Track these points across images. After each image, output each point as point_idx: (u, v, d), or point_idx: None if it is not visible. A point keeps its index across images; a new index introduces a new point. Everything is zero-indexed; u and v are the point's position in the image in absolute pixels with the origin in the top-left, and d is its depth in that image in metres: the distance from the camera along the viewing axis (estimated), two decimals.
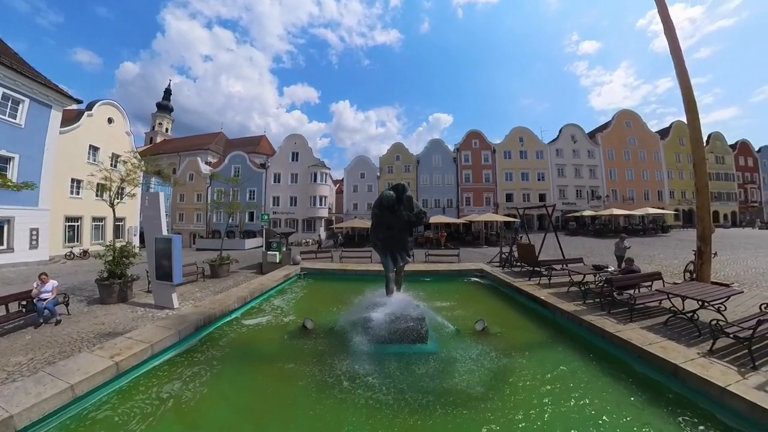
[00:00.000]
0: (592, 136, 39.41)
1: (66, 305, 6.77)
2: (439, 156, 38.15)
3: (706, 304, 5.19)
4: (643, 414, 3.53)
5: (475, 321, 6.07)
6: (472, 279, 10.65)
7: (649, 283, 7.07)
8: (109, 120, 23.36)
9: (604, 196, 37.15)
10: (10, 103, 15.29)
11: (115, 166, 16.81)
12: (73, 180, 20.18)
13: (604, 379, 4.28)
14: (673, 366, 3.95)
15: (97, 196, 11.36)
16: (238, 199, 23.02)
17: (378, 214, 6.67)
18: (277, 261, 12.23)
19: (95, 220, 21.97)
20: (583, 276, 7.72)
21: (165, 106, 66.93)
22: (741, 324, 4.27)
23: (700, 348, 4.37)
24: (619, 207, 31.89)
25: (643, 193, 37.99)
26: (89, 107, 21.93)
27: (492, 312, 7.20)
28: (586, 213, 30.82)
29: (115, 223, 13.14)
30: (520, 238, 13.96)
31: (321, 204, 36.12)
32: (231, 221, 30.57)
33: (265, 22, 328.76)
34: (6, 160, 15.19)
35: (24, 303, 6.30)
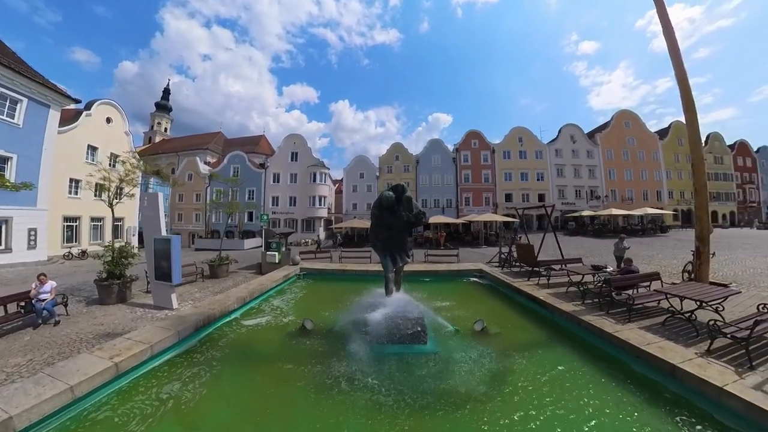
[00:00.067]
0: (591, 136, 39.50)
1: (65, 306, 6.76)
2: (438, 156, 38.18)
3: (704, 304, 5.21)
4: (641, 414, 3.54)
5: (474, 321, 6.07)
6: (471, 279, 10.67)
7: (647, 284, 7.10)
8: (108, 120, 23.30)
9: (603, 196, 37.24)
10: (8, 103, 15.24)
11: (113, 166, 16.79)
12: (71, 180, 20.11)
13: (603, 379, 4.30)
14: (671, 366, 3.96)
15: (95, 196, 11.36)
16: (237, 199, 23.02)
17: (377, 215, 6.69)
18: (277, 261, 12.22)
19: (94, 220, 21.92)
20: (581, 276, 7.73)
21: (164, 106, 66.79)
22: (738, 324, 4.29)
23: (698, 348, 4.39)
24: (618, 207, 31.98)
25: (642, 193, 38.10)
26: (88, 107, 21.86)
27: (491, 312, 7.21)
28: (585, 213, 30.91)
29: (114, 223, 13.13)
30: (519, 238, 13.99)
31: (320, 204, 36.11)
32: (230, 221, 30.53)
33: (264, 21, 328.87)
34: (4, 160, 15.15)
35: (23, 304, 6.29)
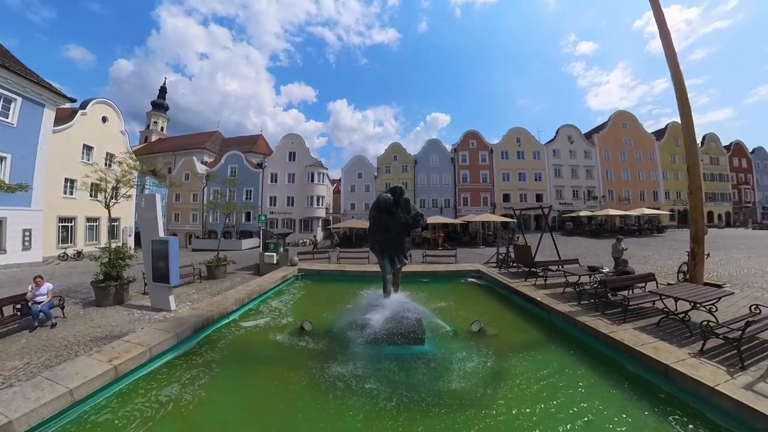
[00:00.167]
0: (589, 136, 39.75)
1: (61, 308, 6.73)
2: (436, 156, 38.24)
3: (698, 305, 5.30)
4: (636, 413, 3.61)
5: (472, 322, 6.12)
6: (469, 280, 10.73)
7: (642, 284, 7.19)
8: (104, 119, 23.11)
9: (600, 196, 37.50)
10: (2, 102, 15.10)
11: (109, 166, 16.66)
12: (66, 180, 19.94)
13: (598, 379, 4.37)
14: (665, 366, 4.03)
15: (91, 196, 11.28)
16: (235, 199, 22.94)
17: (375, 217, 6.72)
18: (275, 262, 12.22)
19: (89, 220, 21.75)
20: (578, 277, 7.81)
21: (160, 105, 66.34)
22: (731, 325, 4.36)
23: (691, 348, 4.46)
24: (616, 207, 32.24)
25: (639, 194, 38.40)
26: (83, 106, 21.65)
27: (488, 313, 7.27)
28: (583, 213, 31.12)
29: (110, 224, 13.04)
30: (517, 238, 14.07)
31: (318, 204, 36.06)
32: (227, 221, 30.39)
33: (261, 19, 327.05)
34: None
35: (19, 306, 6.25)
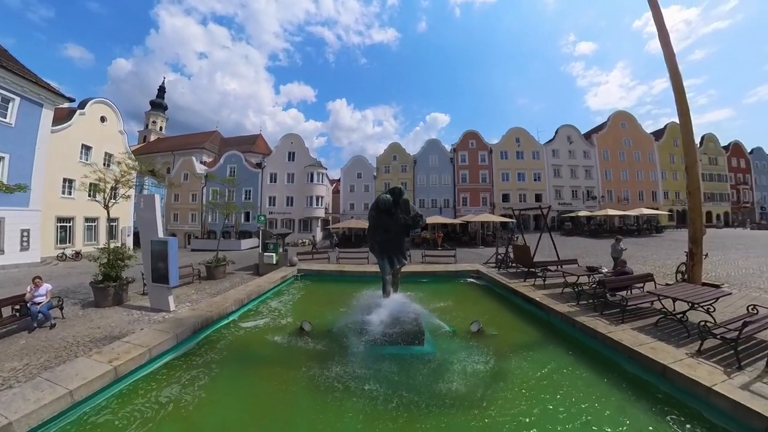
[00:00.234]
0: (588, 137, 39.84)
1: (60, 309, 6.71)
2: (436, 156, 38.27)
3: (696, 305, 5.33)
4: (633, 413, 3.63)
5: (471, 322, 6.14)
6: (468, 280, 10.75)
7: (641, 285, 7.21)
8: (102, 118, 23.07)
9: (599, 196, 37.60)
10: None
11: (108, 166, 16.63)
12: (65, 180, 19.92)
13: (596, 379, 4.39)
14: (662, 366, 4.06)
15: (89, 196, 11.24)
16: (234, 199, 22.91)
17: (375, 218, 6.74)
18: (274, 262, 12.21)
19: (88, 220, 21.72)
20: (577, 277, 7.84)
21: (159, 104, 66.17)
22: (728, 325, 4.39)
23: (689, 349, 4.49)
24: (614, 207, 32.33)
25: (638, 194, 38.52)
26: (81, 105, 21.62)
27: (488, 313, 7.29)
28: (582, 213, 31.19)
29: (109, 224, 13.03)
30: (516, 238, 14.09)
31: (318, 204, 36.05)
32: (227, 222, 30.37)
33: (261, 19, 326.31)
34: None
35: (17, 307, 6.23)
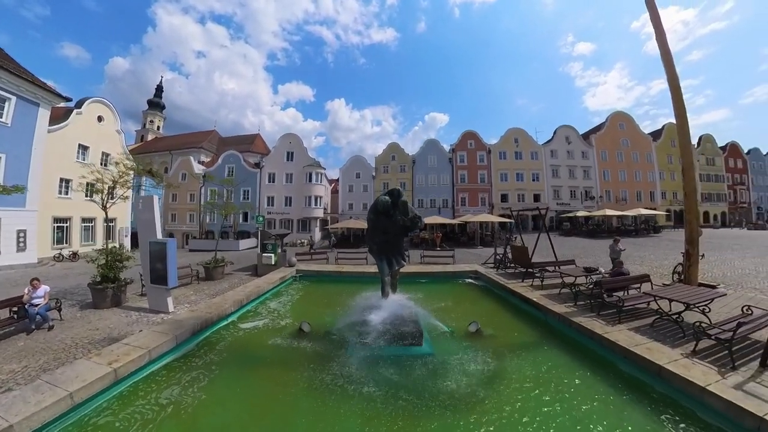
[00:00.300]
0: (586, 137, 40.00)
1: (58, 310, 6.70)
2: (434, 156, 38.30)
3: (692, 306, 5.39)
4: (629, 412, 3.68)
5: (469, 323, 6.18)
6: (466, 280, 10.80)
7: (638, 285, 7.28)
8: (99, 118, 22.93)
9: (597, 196, 37.77)
10: None
11: (105, 166, 16.55)
12: (61, 180, 19.79)
13: (593, 379, 4.44)
14: (658, 367, 4.11)
15: (86, 196, 11.21)
16: (232, 199, 22.84)
17: (373, 219, 6.76)
18: (273, 263, 12.22)
19: (85, 221, 21.59)
20: (574, 278, 7.90)
21: (156, 104, 65.84)
22: (722, 326, 4.45)
23: (684, 349, 4.55)
24: (612, 208, 32.48)
25: (636, 194, 38.71)
26: (78, 105, 21.47)
27: (486, 313, 7.34)
28: (580, 213, 31.33)
29: (106, 224, 12.98)
30: (515, 238, 14.15)
31: (316, 204, 36.01)
32: (225, 222, 30.28)
33: (259, 18, 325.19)
34: None
35: (15, 309, 6.21)
